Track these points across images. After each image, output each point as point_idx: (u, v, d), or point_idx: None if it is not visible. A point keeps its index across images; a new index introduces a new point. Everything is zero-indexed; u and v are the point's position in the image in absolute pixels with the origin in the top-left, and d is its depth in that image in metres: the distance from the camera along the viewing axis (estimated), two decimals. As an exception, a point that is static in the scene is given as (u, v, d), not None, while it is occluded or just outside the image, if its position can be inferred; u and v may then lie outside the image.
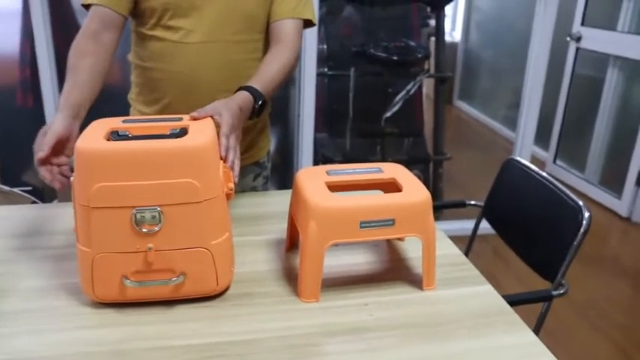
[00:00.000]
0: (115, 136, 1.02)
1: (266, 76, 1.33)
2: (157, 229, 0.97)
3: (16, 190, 2.57)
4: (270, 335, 0.96)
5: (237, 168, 1.10)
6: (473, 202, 1.81)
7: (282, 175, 2.90)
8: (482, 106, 5.32)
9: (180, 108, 1.37)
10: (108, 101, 1.19)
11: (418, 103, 3.14)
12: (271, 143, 1.68)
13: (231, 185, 1.02)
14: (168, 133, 1.03)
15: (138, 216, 0.96)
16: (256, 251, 1.23)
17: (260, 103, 1.27)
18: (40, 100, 2.48)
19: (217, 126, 1.10)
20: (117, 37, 1.32)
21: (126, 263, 0.99)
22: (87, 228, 0.97)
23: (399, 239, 1.29)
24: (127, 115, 1.55)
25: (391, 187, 1.14)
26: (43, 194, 2.71)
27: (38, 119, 2.50)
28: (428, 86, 4.36)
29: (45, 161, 1.11)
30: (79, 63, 1.24)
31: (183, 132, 1.03)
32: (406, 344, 0.95)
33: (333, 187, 1.08)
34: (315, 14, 1.46)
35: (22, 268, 1.16)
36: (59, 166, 1.13)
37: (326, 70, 3.06)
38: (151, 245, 0.97)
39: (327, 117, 2.99)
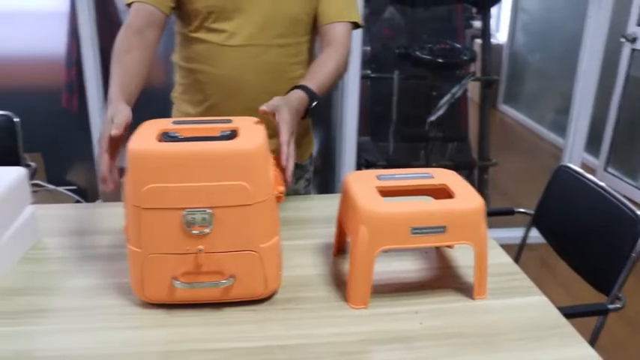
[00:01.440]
0: (166, 137, 1.03)
1: (320, 76, 1.32)
2: (207, 231, 0.97)
3: (60, 188, 2.63)
4: (320, 341, 0.95)
5: (290, 172, 1.09)
6: (522, 210, 1.76)
7: (325, 178, 2.88)
8: (528, 110, 5.21)
9: (224, 110, 1.37)
10: (149, 102, 1.20)
11: (463, 107, 3.09)
12: (314, 146, 1.67)
13: (282, 189, 1.02)
14: (218, 134, 1.03)
15: (188, 217, 0.96)
16: (303, 255, 1.22)
17: (314, 103, 1.26)
18: (85, 101, 2.53)
19: (272, 118, 1.10)
20: (159, 36, 1.33)
21: (176, 264, 0.99)
22: (138, 228, 0.98)
23: (448, 246, 1.26)
24: (169, 114, 1.56)
25: (441, 193, 1.11)
26: (87, 194, 2.77)
27: (83, 121, 2.56)
28: (472, 90, 4.30)
29: (110, 151, 1.06)
30: (125, 57, 1.25)
31: (233, 134, 1.02)
32: (457, 355, 0.93)
33: (384, 192, 1.06)
34: (360, 16, 1.46)
35: (71, 267, 1.18)
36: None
37: (369, 72, 3.04)
38: (201, 247, 0.97)
39: (370, 120, 2.97)
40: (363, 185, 1.07)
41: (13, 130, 1.93)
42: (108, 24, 2.51)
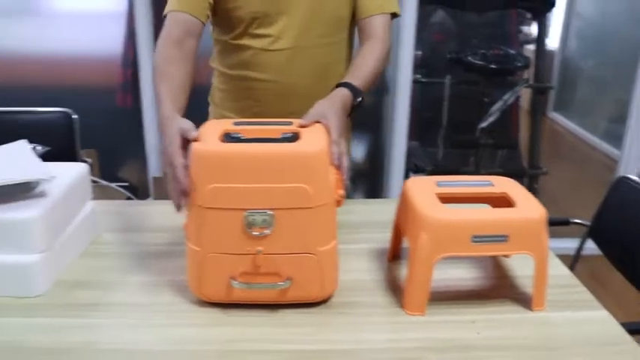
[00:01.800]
0: (229, 138, 1.04)
1: (362, 73, 1.31)
2: (267, 232, 0.97)
3: (113, 185, 2.69)
4: (376, 347, 0.94)
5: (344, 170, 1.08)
6: (578, 221, 1.72)
7: (372, 182, 2.87)
8: (579, 118, 5.07)
9: (272, 116, 1.37)
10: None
11: (514, 114, 3.04)
12: (351, 148, 1.65)
13: (342, 192, 1.01)
14: (280, 136, 1.04)
15: (249, 218, 0.96)
16: (357, 260, 1.21)
17: (359, 100, 1.25)
18: (139, 101, 2.59)
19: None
20: (197, 45, 1.31)
21: (235, 264, 1.00)
22: (199, 227, 0.99)
23: (504, 256, 1.23)
24: (206, 114, 1.58)
25: (501, 201, 1.09)
26: (137, 191, 2.83)
27: (136, 120, 2.61)
28: (522, 96, 4.22)
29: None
30: (169, 70, 1.22)
31: (295, 136, 1.03)
32: (517, 367, 0.91)
33: (443, 199, 1.04)
34: (398, 5, 1.44)
35: (128, 263, 1.20)
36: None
37: (419, 76, 3.01)
38: (260, 248, 0.98)
39: (419, 125, 2.94)
40: (422, 191, 1.06)
41: (72, 126, 1.98)
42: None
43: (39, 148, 1.30)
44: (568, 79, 5.32)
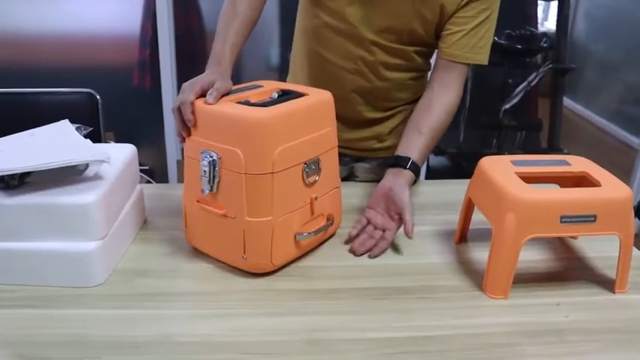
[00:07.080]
0: (246, 104, 1.01)
1: (428, 142, 1.24)
2: (317, 178, 1.06)
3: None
4: (465, 332, 0.90)
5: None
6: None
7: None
8: (586, 101, 5.05)
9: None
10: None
11: (534, 96, 3.00)
12: None
13: None
14: (276, 97, 1.08)
15: (306, 170, 1.02)
16: (424, 242, 1.17)
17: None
18: (158, 81, 2.51)
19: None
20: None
21: (298, 219, 1.04)
22: (269, 196, 0.97)
23: (572, 237, 1.20)
24: None
25: (573, 181, 1.06)
26: (154, 174, 2.76)
27: (154, 100, 2.53)
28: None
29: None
30: (241, 9, 1.19)
31: (294, 94, 1.07)
32: (613, 351, 0.87)
33: (523, 179, 1.00)
34: (488, 53, 1.27)
35: (182, 249, 1.13)
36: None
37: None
38: (314, 195, 1.05)
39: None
40: (502, 171, 1.02)
41: (95, 108, 1.91)
42: (184, 5, 2.49)
43: (82, 128, 1.24)
44: (575, 61, 5.28)
